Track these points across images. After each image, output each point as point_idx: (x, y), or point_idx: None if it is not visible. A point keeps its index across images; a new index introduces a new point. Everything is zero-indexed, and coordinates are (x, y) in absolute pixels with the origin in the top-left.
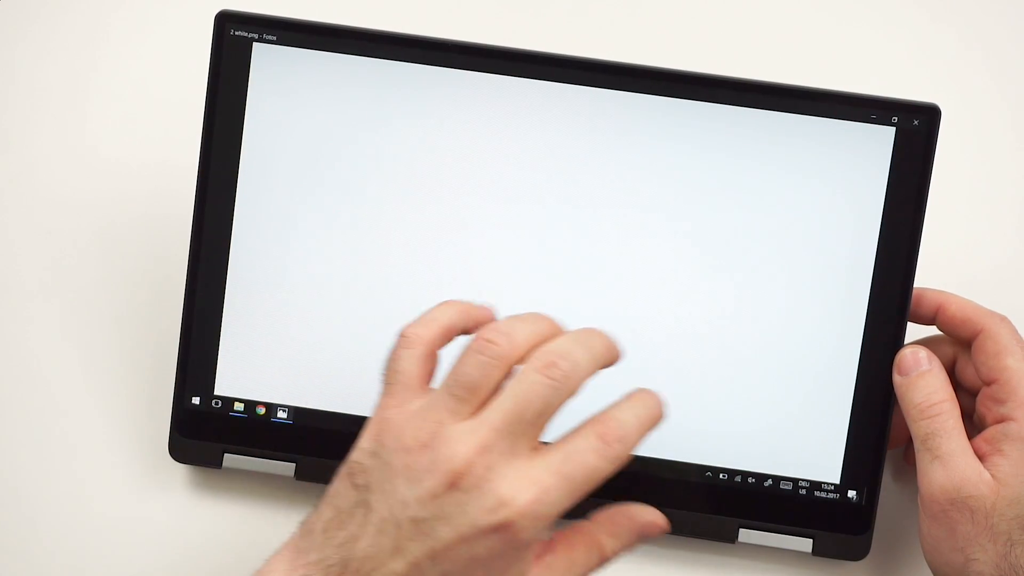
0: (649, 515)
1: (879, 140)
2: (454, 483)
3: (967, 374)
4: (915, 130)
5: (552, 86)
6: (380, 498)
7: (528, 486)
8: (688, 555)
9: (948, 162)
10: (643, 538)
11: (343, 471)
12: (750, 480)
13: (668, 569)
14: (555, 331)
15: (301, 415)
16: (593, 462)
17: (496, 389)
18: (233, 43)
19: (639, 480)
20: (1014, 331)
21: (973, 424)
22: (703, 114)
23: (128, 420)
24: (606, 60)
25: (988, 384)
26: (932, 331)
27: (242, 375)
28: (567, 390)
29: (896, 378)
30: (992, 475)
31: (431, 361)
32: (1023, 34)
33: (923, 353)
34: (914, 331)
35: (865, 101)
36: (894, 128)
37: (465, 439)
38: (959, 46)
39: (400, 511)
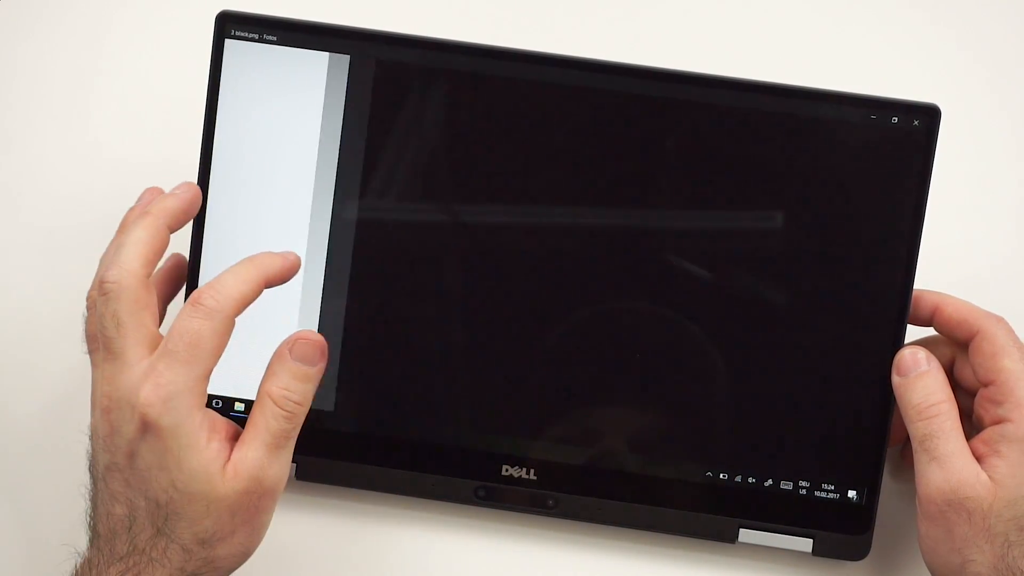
0: (291, 336)
1: (879, 140)
2: (107, 418)
3: (965, 375)
4: (915, 130)
5: (552, 86)
6: (94, 472)
7: (143, 378)
8: (688, 555)
9: (947, 163)
10: (300, 359)
11: None
12: (750, 480)
13: (668, 569)
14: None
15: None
16: (189, 325)
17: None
18: (233, 43)
19: (639, 480)
20: (1011, 332)
21: (972, 424)
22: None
23: None
24: (606, 60)
25: (985, 385)
26: (932, 331)
27: (243, 375)
28: (115, 298)
29: (895, 378)
30: (989, 476)
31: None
32: (1022, 35)
33: (922, 354)
34: (914, 331)
35: (865, 101)
36: (894, 128)
37: (98, 379)
38: (959, 47)
39: (100, 465)
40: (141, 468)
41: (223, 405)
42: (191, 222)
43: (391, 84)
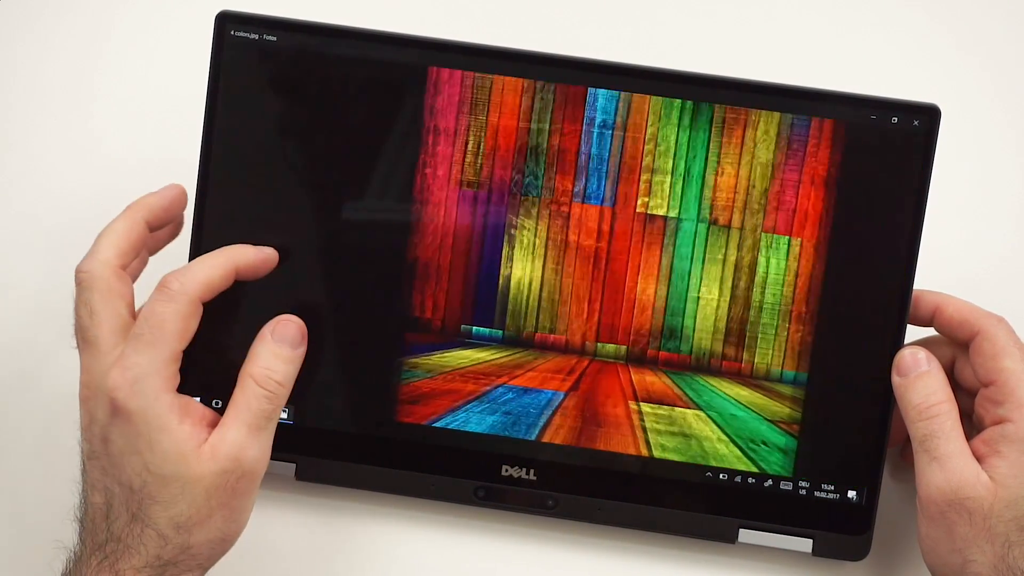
0: (273, 320)
1: (879, 140)
2: (85, 407)
3: (966, 375)
4: (915, 130)
5: (552, 86)
6: (81, 458)
7: (113, 364)
8: (688, 555)
9: (947, 163)
10: (282, 340)
11: None
12: (750, 480)
13: (668, 569)
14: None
15: (301, 415)
16: (154, 308)
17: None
18: (233, 43)
19: (639, 480)
20: (1011, 332)
21: (972, 425)
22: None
23: None
24: (606, 60)
25: (986, 385)
26: (932, 331)
27: None
28: (88, 287)
29: (895, 379)
30: (990, 476)
31: None
32: (1021, 35)
33: (922, 354)
34: (914, 331)
35: (865, 101)
36: (894, 128)
37: (80, 371)
38: (958, 47)
39: (83, 455)
40: (114, 454)
41: (223, 404)
42: (192, 222)
43: (389, 84)
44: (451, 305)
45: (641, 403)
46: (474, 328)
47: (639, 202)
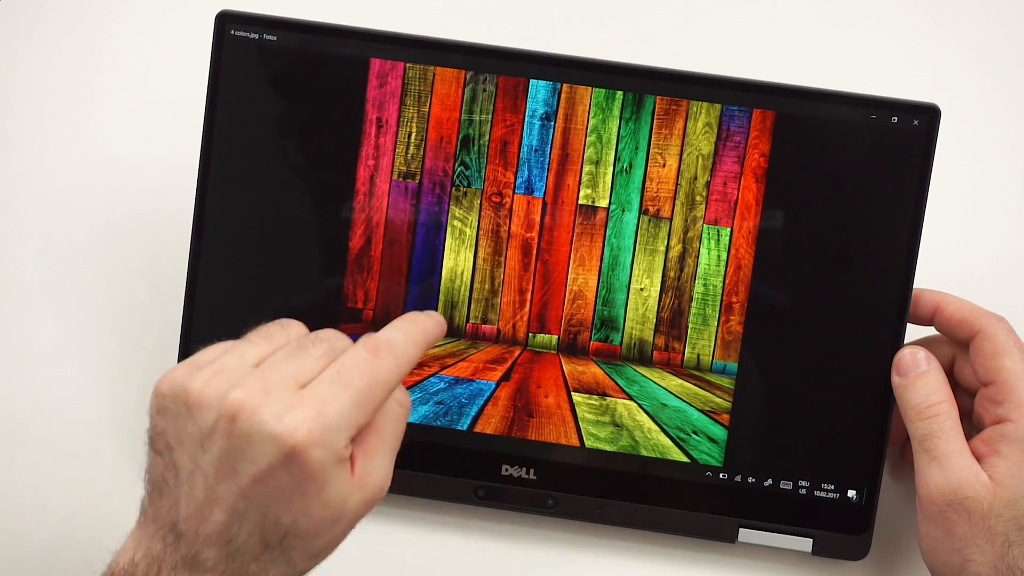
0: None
1: (879, 140)
2: (235, 415)
3: (965, 374)
4: (915, 130)
5: (552, 86)
6: (180, 451)
7: (305, 405)
8: (688, 555)
9: (947, 162)
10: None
11: (146, 445)
12: (750, 480)
13: (668, 569)
14: None
15: None
16: (367, 367)
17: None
18: (233, 43)
19: (639, 480)
20: (1011, 332)
21: (972, 424)
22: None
23: (128, 419)
24: (606, 60)
25: (986, 385)
26: (932, 331)
27: None
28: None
29: (895, 378)
30: (989, 476)
31: None
32: (1021, 35)
33: (921, 354)
34: (914, 331)
35: (865, 101)
36: (894, 128)
37: (238, 371)
38: (959, 47)
39: (200, 456)
40: (271, 489)
41: None
42: (192, 222)
43: (389, 83)
44: (385, 296)
45: (573, 393)
46: None
47: (581, 193)
